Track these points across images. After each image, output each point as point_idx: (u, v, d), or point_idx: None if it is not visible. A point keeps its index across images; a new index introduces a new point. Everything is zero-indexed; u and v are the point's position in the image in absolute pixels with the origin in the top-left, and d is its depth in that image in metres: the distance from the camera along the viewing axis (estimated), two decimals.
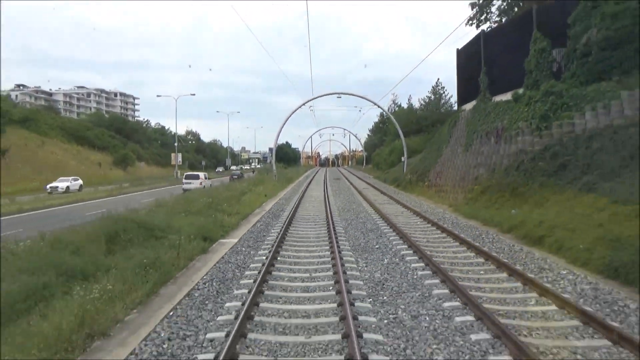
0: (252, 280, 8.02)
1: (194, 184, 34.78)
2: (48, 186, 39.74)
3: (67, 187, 39.84)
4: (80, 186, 42.91)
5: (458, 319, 6.20)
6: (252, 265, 9.37)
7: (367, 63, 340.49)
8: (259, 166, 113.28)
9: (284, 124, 45.35)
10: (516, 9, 24.33)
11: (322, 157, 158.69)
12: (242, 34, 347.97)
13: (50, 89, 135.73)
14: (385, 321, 6.20)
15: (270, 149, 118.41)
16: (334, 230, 12.67)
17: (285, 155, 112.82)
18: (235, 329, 5.46)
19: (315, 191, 30.09)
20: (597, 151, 12.85)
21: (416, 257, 9.75)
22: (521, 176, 15.17)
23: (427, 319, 6.26)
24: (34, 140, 59.36)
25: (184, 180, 37.30)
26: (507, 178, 15.83)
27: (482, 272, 8.75)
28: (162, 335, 5.76)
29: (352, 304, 6.56)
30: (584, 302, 6.84)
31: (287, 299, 7.27)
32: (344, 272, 8.29)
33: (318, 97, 64.34)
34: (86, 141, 71.99)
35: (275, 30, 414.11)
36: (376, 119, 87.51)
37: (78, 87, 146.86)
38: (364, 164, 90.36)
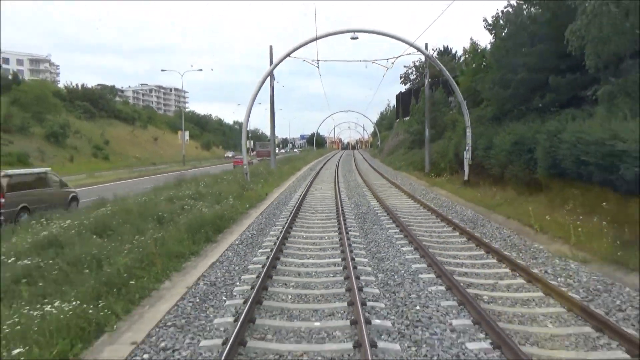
0: (317, 171, 41.71)
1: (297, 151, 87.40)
2: None
3: None
4: None
5: (363, 189, 39.88)
6: (317, 168, 43.02)
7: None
8: (283, 150, 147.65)
9: (318, 127, 79.50)
10: (417, 81, 57.13)
11: (344, 142, 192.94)
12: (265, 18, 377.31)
13: (122, 87, 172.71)
14: (342, 171, 39.93)
15: (302, 136, 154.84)
16: (339, 165, 46.33)
17: (315, 141, 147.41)
18: (309, 184, 39.28)
19: (335, 157, 64.04)
20: (406, 143, 46.10)
21: (355, 167, 43.31)
22: (397, 148, 48.47)
23: (351, 170, 39.90)
24: (157, 133, 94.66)
25: (297, 150, 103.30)
26: (394, 148, 49.19)
27: (371, 174, 42.22)
28: (298, 178, 39.62)
29: (337, 171, 40.26)
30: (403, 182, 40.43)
31: (328, 168, 41.05)
32: (338, 167, 41.94)
33: (336, 112, 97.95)
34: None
35: (300, 12, 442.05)
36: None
37: (142, 84, 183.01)
38: (370, 147, 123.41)
